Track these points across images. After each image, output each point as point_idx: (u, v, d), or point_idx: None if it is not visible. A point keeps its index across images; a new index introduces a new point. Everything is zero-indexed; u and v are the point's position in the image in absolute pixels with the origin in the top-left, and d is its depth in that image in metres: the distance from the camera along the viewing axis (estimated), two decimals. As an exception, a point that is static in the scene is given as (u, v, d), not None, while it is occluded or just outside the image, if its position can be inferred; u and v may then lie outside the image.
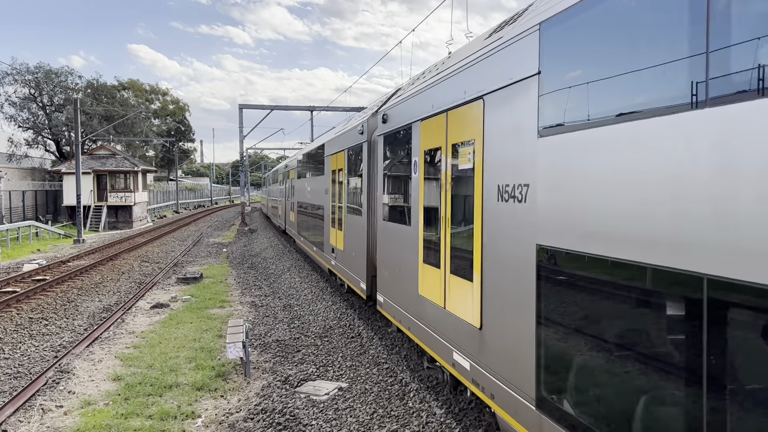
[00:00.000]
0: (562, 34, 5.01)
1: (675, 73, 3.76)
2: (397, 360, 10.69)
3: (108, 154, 50.89)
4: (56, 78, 59.26)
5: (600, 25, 4.57)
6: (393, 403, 8.71)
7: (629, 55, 4.18)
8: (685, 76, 3.66)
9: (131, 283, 20.69)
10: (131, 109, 63.86)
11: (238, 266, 25.00)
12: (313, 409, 8.54)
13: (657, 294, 3.91)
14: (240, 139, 46.48)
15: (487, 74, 6.38)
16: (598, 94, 4.58)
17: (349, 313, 14.50)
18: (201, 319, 14.75)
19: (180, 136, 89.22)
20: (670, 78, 3.81)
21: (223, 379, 10.01)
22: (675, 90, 3.75)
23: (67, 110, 55.11)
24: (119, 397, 9.25)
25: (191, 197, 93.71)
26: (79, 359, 11.34)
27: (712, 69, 3.44)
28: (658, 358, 3.95)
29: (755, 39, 3.20)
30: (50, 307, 16.38)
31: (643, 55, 4.04)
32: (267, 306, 16.29)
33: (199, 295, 18.11)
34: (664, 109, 3.78)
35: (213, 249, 32.22)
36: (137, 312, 15.86)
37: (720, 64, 3.40)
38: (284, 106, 48.38)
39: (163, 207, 71.33)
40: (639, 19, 4.13)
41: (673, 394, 3.81)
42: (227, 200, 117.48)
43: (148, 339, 12.87)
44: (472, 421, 7.86)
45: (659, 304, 3.89)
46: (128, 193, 48.76)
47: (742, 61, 3.29)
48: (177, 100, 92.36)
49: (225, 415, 8.50)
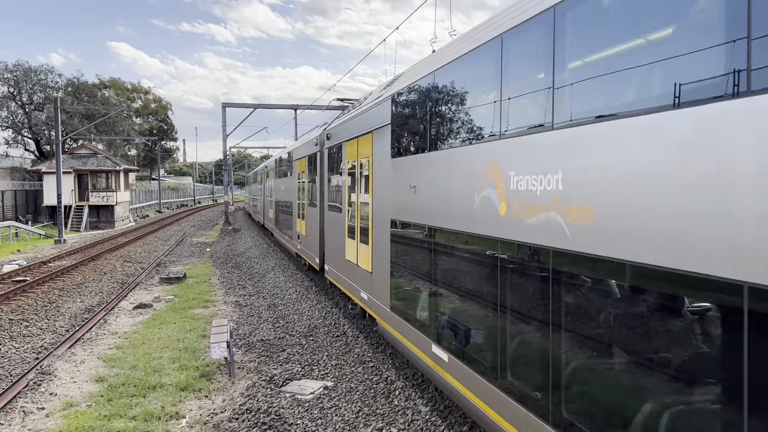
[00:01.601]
0: (399, 102, 9.29)
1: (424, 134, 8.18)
2: (383, 358, 10.71)
3: (89, 153, 50.33)
4: (36, 76, 58.54)
5: (411, 103, 8.90)
6: (379, 402, 8.72)
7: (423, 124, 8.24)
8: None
9: (113, 283, 20.49)
10: (113, 108, 63.20)
11: (222, 266, 24.87)
12: (298, 409, 8.53)
13: (429, 241, 7.85)
14: (223, 138, 46.21)
15: (374, 119, 10.50)
16: (415, 137, 8.66)
17: (334, 312, 14.49)
18: (185, 319, 14.66)
19: (162, 134, 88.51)
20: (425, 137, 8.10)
21: (208, 379, 9.96)
22: (423, 144, 8.12)
23: (47, 109, 54.46)
24: (102, 398, 9.17)
25: (174, 196, 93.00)
26: (61, 361, 11.22)
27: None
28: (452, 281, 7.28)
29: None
30: (31, 308, 16.17)
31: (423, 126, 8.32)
32: (251, 305, 16.23)
33: (182, 295, 17.99)
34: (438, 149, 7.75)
35: (196, 248, 32.02)
36: (120, 313, 15.72)
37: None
38: (268, 105, 48.22)
39: (145, 206, 70.71)
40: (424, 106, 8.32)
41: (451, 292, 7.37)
42: (211, 199, 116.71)
43: (131, 340, 12.76)
44: (458, 418, 7.90)
45: (438, 246, 7.63)
46: (110, 192, 48.25)
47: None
48: (159, 98, 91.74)
49: (210, 415, 8.45)
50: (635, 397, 4.03)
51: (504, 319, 5.79)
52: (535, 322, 5.23)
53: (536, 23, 5.17)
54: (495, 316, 5.95)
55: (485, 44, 6.14)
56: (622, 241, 4.05)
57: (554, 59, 4.89)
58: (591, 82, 4.58)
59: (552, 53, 4.91)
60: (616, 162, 4.15)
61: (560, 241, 4.75)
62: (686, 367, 3.68)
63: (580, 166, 4.52)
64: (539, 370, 5.11)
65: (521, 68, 5.68)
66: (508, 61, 5.75)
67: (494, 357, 5.97)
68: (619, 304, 4.23)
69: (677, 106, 3.66)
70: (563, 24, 4.82)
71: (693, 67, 3.66)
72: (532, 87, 5.39)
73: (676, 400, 3.76)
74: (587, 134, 4.50)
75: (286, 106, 48.14)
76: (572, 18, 4.78)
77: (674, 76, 3.76)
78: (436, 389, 8.87)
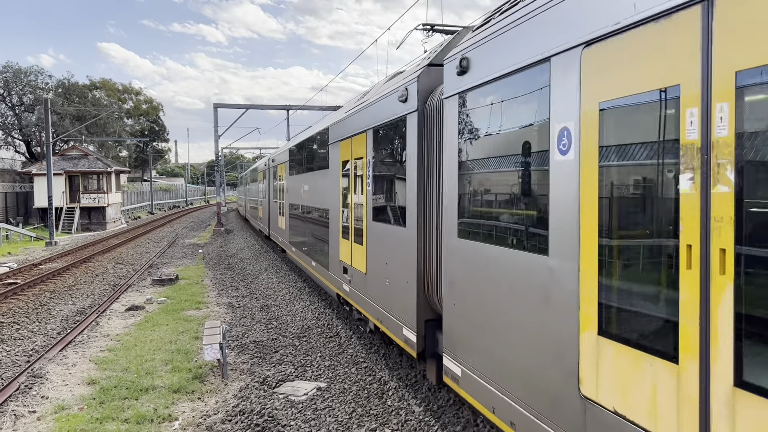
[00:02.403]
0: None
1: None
2: (376, 359, 10.71)
3: (80, 154, 50.06)
4: (26, 77, 58.17)
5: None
6: (372, 402, 8.72)
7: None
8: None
9: (105, 285, 20.39)
10: (104, 109, 62.88)
11: (215, 267, 24.79)
12: (291, 410, 8.51)
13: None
14: (215, 139, 46.08)
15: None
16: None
17: (327, 312, 14.47)
18: (177, 321, 14.60)
19: (154, 136, 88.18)
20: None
21: (200, 381, 9.93)
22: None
23: (37, 110, 54.11)
24: (94, 401, 9.12)
25: (166, 198, 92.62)
26: (53, 363, 11.15)
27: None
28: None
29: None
30: (22, 311, 16.07)
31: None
32: (244, 307, 16.19)
33: (174, 296, 17.92)
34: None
35: (189, 250, 31.90)
36: (112, 315, 15.64)
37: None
38: (260, 105, 48.10)
39: (137, 208, 70.39)
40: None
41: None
42: (203, 200, 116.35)
43: (123, 342, 12.70)
44: (451, 418, 7.90)
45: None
46: (101, 194, 48.02)
47: None
48: (150, 99, 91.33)
49: (202, 417, 8.43)
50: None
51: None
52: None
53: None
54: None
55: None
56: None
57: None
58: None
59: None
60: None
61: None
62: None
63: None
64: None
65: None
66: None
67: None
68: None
69: None
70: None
71: None
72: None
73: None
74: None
75: (278, 106, 48.07)
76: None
77: None
78: (430, 389, 8.89)
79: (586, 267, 4.35)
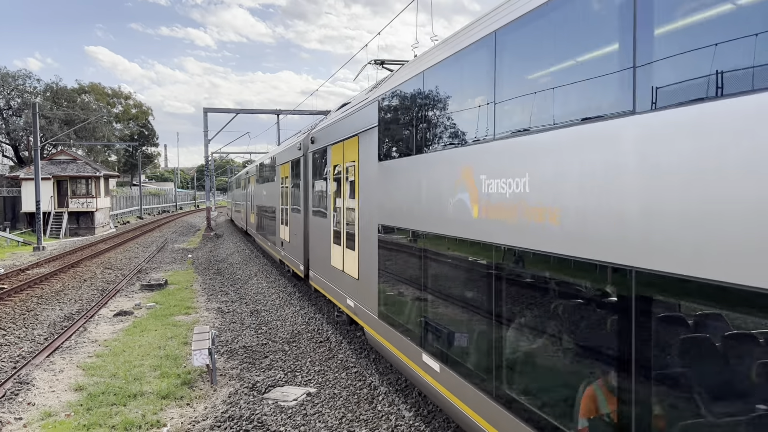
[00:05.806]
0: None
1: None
2: (366, 364, 10.68)
3: (69, 159, 49.70)
4: (13, 81, 57.77)
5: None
6: (362, 407, 8.69)
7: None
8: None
9: (93, 290, 20.23)
10: (92, 113, 62.56)
11: (204, 272, 24.67)
12: (281, 416, 8.47)
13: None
14: (205, 143, 45.93)
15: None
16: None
17: (317, 317, 14.43)
18: (166, 326, 14.51)
19: (143, 140, 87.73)
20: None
21: (189, 386, 9.86)
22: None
23: (25, 114, 53.77)
24: (81, 407, 9.03)
25: (155, 202, 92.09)
26: (39, 370, 11.04)
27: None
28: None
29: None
30: (8, 316, 15.90)
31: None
32: (234, 312, 16.11)
33: (163, 302, 17.81)
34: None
35: (178, 255, 31.73)
36: (100, 320, 15.52)
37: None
38: (250, 110, 48.10)
39: (126, 213, 69.95)
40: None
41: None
42: (192, 205, 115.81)
43: (111, 348, 12.60)
44: (441, 423, 7.89)
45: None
46: (90, 198, 47.63)
47: None
48: (140, 103, 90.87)
49: (191, 423, 8.37)
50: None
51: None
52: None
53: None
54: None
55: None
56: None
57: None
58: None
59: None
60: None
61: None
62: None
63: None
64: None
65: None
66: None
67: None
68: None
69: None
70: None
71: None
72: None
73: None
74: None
75: (268, 111, 48.08)
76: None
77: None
78: (420, 394, 8.87)
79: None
